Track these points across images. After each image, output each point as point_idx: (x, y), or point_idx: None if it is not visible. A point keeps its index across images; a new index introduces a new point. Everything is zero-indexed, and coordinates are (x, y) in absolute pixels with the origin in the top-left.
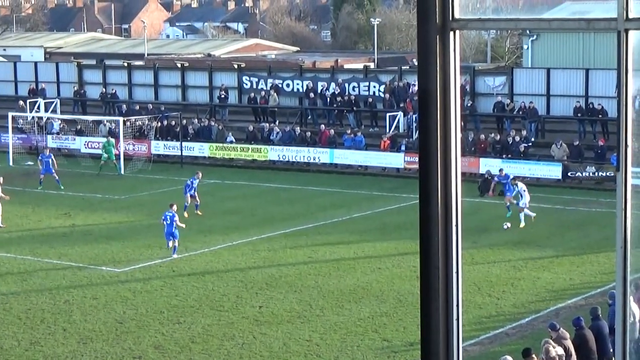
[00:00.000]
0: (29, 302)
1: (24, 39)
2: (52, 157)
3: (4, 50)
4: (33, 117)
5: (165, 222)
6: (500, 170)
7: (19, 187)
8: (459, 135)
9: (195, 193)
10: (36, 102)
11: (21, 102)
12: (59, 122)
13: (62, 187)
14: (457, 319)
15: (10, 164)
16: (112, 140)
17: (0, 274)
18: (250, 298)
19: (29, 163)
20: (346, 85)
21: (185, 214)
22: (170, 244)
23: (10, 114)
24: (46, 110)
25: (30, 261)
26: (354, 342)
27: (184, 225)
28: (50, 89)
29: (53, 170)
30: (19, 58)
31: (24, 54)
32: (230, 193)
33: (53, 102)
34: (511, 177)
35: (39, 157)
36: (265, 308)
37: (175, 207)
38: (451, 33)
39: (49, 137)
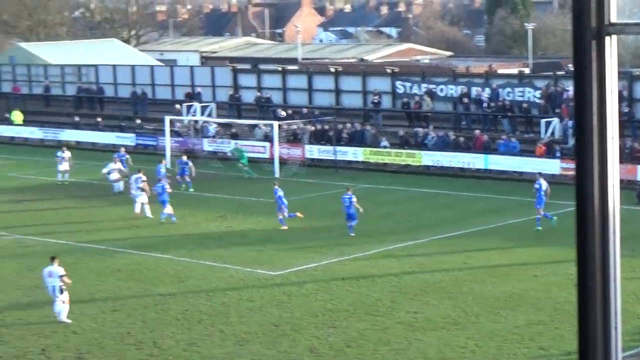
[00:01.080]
0: (186, 304)
1: (180, 43)
2: (190, 163)
3: (161, 54)
4: (189, 121)
5: (344, 204)
6: None
7: (175, 189)
8: (617, 141)
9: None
10: (192, 105)
11: (178, 106)
12: (215, 125)
13: (192, 190)
14: (616, 328)
15: (168, 166)
16: (239, 145)
17: (158, 275)
18: (405, 303)
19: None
20: (500, 90)
21: (299, 214)
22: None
23: (167, 118)
24: (202, 114)
25: (187, 263)
26: (510, 350)
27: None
28: (206, 93)
29: (187, 173)
30: (176, 62)
31: (180, 59)
32: (384, 198)
33: (209, 106)
34: None
35: (177, 162)
36: (420, 314)
37: (350, 191)
38: (607, 38)
39: (205, 140)
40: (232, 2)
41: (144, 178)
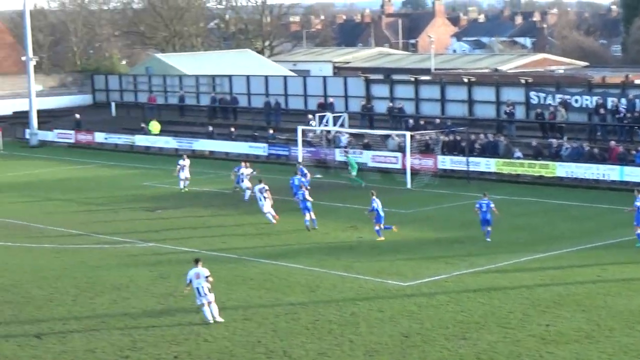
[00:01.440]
0: (316, 313)
1: (314, 54)
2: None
3: (294, 65)
4: (322, 131)
5: (480, 210)
6: None
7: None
8: None
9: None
10: (325, 116)
11: (310, 116)
12: (347, 136)
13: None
14: None
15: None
16: (350, 154)
17: (289, 284)
18: (537, 316)
19: (318, 176)
20: (637, 101)
21: (394, 228)
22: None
23: (299, 128)
24: (334, 124)
25: (318, 272)
26: None
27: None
28: (338, 103)
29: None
30: (309, 73)
31: (313, 69)
32: (517, 209)
33: (341, 116)
34: None
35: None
36: (552, 327)
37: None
38: None
39: (337, 150)
40: (366, 13)
41: (267, 187)
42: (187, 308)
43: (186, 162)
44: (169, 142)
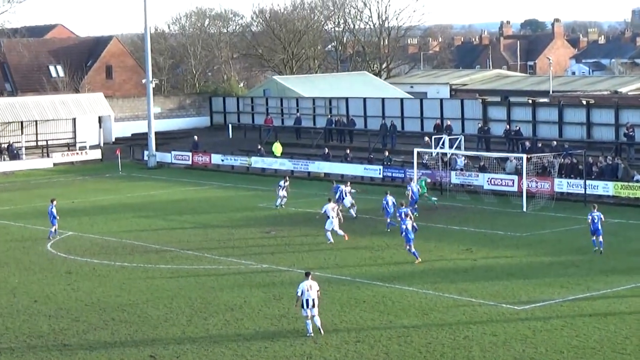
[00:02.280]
0: (429, 336)
1: (431, 76)
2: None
3: (411, 87)
4: (438, 153)
5: (592, 221)
6: None
7: (422, 222)
8: None
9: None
10: (441, 138)
11: (427, 138)
12: (463, 158)
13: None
14: None
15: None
16: (425, 177)
17: (402, 307)
18: None
19: (434, 199)
20: None
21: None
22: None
23: (415, 150)
24: (450, 147)
25: (432, 295)
26: None
27: None
28: (455, 125)
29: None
30: (425, 95)
31: (430, 91)
32: (635, 234)
33: (457, 138)
34: None
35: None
36: None
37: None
38: None
39: (453, 173)
40: (484, 35)
41: (334, 206)
42: (300, 330)
43: (286, 183)
44: (284, 164)
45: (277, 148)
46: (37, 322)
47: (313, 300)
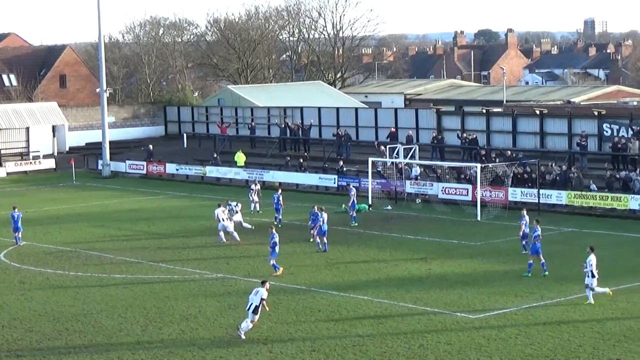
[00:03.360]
0: (384, 345)
1: (385, 85)
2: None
3: (366, 97)
4: (392, 163)
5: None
6: None
7: (376, 231)
8: None
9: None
10: (396, 147)
11: (382, 147)
12: (418, 167)
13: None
14: None
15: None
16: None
17: (357, 316)
18: (607, 350)
19: (388, 207)
20: None
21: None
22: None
23: (370, 159)
24: (405, 156)
25: (387, 304)
26: None
27: None
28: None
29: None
30: (380, 104)
31: (384, 100)
32: (588, 242)
33: (412, 147)
34: None
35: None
36: None
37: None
38: None
39: (407, 182)
40: (438, 45)
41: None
42: (255, 339)
43: (257, 187)
44: (239, 174)
45: (240, 157)
46: None
47: (256, 306)
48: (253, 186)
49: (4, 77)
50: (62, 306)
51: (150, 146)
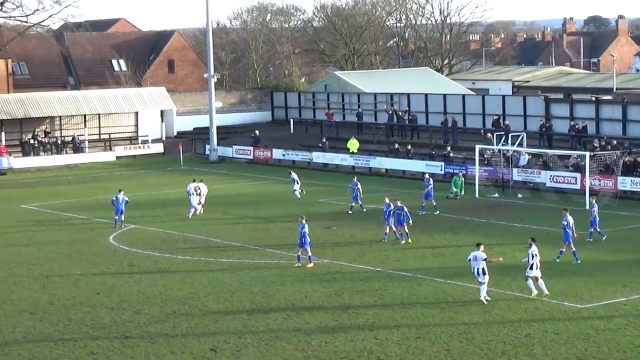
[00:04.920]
0: (490, 333)
1: (493, 72)
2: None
3: (473, 83)
4: (500, 150)
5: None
6: None
7: (483, 219)
8: None
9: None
10: (503, 135)
11: (489, 135)
12: (526, 155)
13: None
14: None
15: (476, 195)
16: (462, 178)
17: (463, 304)
18: None
19: (495, 195)
20: None
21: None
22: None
23: (477, 147)
24: (512, 144)
25: (493, 293)
26: None
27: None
28: (517, 122)
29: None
30: (487, 91)
31: (492, 87)
32: None
33: (519, 135)
34: None
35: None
36: None
37: None
38: None
39: (515, 170)
40: (547, 31)
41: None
42: (361, 325)
43: (295, 175)
44: (345, 160)
45: (353, 144)
46: (99, 314)
47: (482, 269)
48: (294, 175)
49: (114, 62)
50: (169, 289)
51: (257, 132)
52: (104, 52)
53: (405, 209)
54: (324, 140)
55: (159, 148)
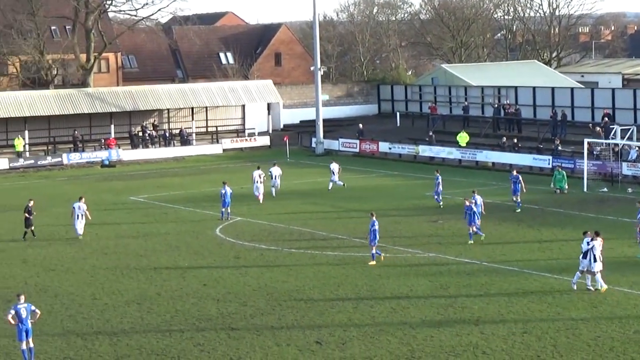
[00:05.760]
0: (598, 330)
1: (602, 65)
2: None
3: (582, 76)
4: (609, 144)
5: None
6: None
7: (592, 213)
8: None
9: None
10: (612, 128)
11: (598, 128)
12: (636, 149)
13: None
14: None
15: (585, 189)
16: (563, 171)
17: (570, 299)
18: None
19: (604, 190)
20: None
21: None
22: None
23: (585, 140)
24: (622, 137)
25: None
26: None
27: None
28: (627, 116)
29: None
30: (597, 84)
31: (601, 80)
32: None
33: (629, 129)
34: None
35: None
36: None
37: None
38: None
39: (624, 164)
40: None
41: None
42: (466, 319)
43: (334, 166)
44: (452, 153)
45: (463, 137)
46: (205, 306)
47: (597, 255)
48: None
49: (221, 55)
50: (275, 282)
51: (360, 125)
52: (211, 46)
53: (474, 207)
54: (431, 133)
55: (265, 141)
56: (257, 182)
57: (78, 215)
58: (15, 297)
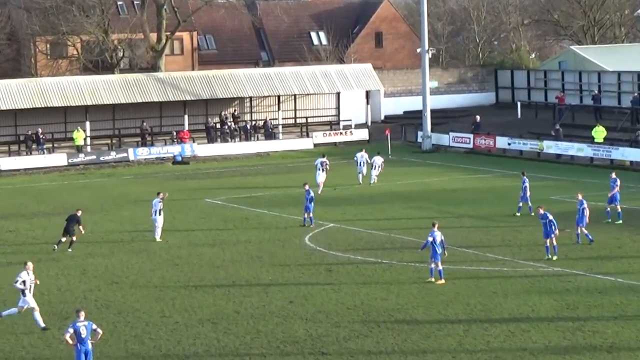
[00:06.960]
0: None
1: None
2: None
3: None
4: None
5: None
6: None
7: None
8: None
9: None
10: None
11: None
12: None
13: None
14: None
15: None
16: None
17: None
18: None
19: None
20: None
21: None
22: None
23: None
24: None
25: None
26: None
27: None
28: None
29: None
30: None
31: None
32: None
33: None
34: None
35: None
36: None
37: None
38: None
39: None
40: None
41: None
42: (598, 345)
43: (377, 159)
44: (582, 150)
45: (599, 132)
46: (292, 326)
47: None
48: (359, 156)
49: (313, 35)
50: (373, 299)
51: (477, 117)
52: (301, 24)
53: (550, 216)
54: (557, 127)
55: (363, 134)
56: (319, 168)
57: (156, 211)
58: (74, 313)
